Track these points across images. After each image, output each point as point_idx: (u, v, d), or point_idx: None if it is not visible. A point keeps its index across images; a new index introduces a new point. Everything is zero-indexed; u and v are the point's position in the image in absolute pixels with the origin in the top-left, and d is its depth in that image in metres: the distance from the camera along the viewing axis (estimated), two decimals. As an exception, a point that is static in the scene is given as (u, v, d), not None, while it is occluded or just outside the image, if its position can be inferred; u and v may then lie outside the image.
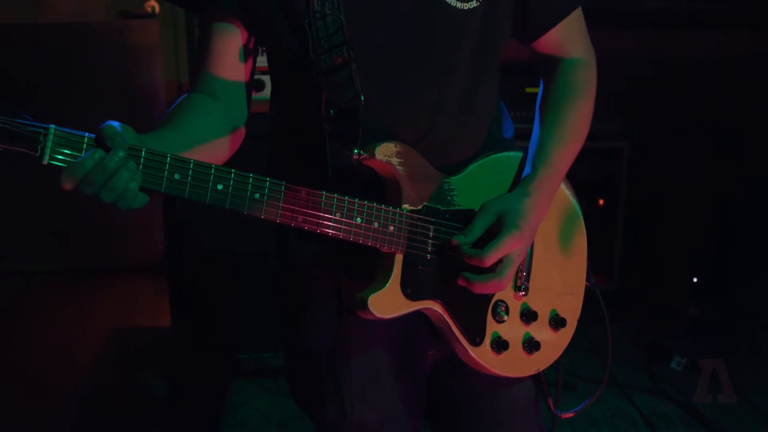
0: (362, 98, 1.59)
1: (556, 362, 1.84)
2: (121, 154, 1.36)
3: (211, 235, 3.75)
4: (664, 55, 4.38)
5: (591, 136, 1.80)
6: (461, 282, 1.65)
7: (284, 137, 1.78)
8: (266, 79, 3.45)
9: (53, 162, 1.34)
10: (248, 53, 1.72)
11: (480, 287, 1.64)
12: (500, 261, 1.64)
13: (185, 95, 1.71)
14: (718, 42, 4.38)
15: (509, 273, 1.65)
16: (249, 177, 1.47)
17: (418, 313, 1.69)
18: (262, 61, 1.76)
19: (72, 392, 3.86)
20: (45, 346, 4.32)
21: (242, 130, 1.75)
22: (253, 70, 1.76)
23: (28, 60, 4.79)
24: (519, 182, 1.76)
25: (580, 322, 1.87)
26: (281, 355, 3.87)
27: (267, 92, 3.47)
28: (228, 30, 1.69)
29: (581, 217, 1.88)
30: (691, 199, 4.64)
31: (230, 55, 1.70)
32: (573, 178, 1.86)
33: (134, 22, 4.83)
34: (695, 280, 4.60)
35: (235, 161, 1.61)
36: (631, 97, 4.32)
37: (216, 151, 1.67)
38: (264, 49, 1.75)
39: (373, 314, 1.60)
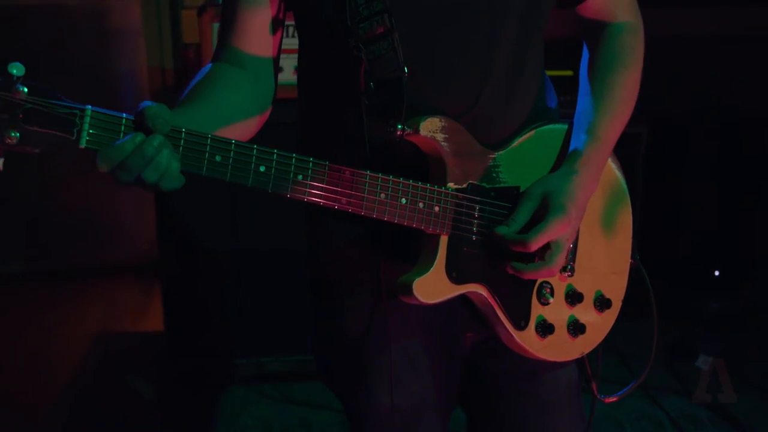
0: (405, 70, 1.58)
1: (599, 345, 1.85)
2: (159, 139, 1.35)
3: (207, 231, 3.72)
4: (690, 34, 4.37)
5: None
6: (510, 271, 1.66)
7: (317, 114, 1.76)
8: (284, 64, 3.43)
9: (91, 146, 1.33)
10: (277, 24, 1.71)
11: (530, 275, 1.65)
12: (548, 247, 1.64)
13: (209, 65, 1.70)
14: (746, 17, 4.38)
15: (559, 259, 1.65)
16: (292, 158, 1.48)
17: (459, 296, 1.68)
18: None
19: (53, 401, 3.81)
20: (21, 356, 4.26)
21: (269, 107, 1.74)
22: (281, 44, 1.75)
23: (-2, 43, 4.74)
24: (565, 157, 1.75)
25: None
26: (282, 359, 3.85)
27: (284, 77, 3.44)
28: None
29: (627, 193, 1.88)
30: (713, 189, 4.63)
31: (259, 24, 1.69)
32: None
33: (114, 3, 4.79)
34: (717, 273, 4.59)
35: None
36: (650, 78, 4.29)
37: (246, 127, 1.66)
38: (293, 20, 1.75)
39: (418, 299, 1.59)
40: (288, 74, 3.51)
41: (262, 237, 3.73)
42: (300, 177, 1.48)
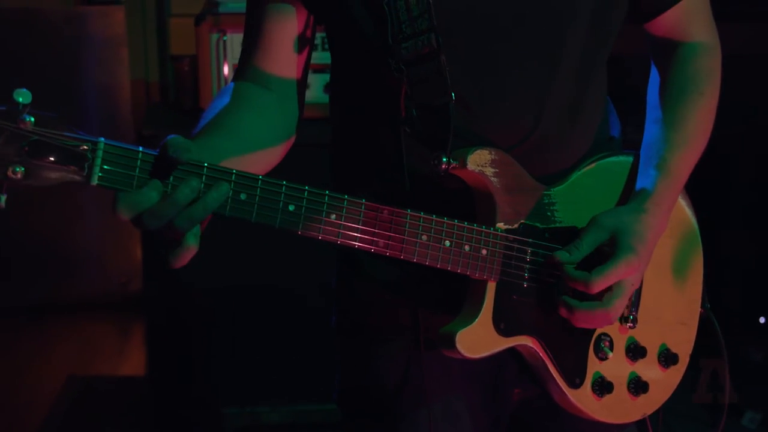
0: (453, 96, 1.58)
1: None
2: (194, 183, 1.36)
3: (198, 264, 3.63)
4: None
5: None
6: (562, 308, 1.64)
7: (351, 142, 1.76)
8: (311, 80, 3.45)
9: (103, 183, 1.32)
10: (305, 41, 1.72)
11: (583, 317, 1.63)
12: (609, 289, 1.62)
13: (231, 85, 1.70)
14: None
15: (619, 304, 1.63)
16: (324, 195, 1.48)
17: (510, 348, 1.67)
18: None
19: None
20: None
21: (294, 132, 1.75)
22: (309, 61, 1.76)
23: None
24: (633, 194, 1.74)
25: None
26: (280, 410, 3.82)
27: (312, 95, 3.45)
28: (285, 11, 1.69)
29: (699, 235, 1.87)
30: (753, 211, 4.60)
31: (286, 40, 1.70)
32: None
33: (96, 9, 4.79)
34: (763, 320, 4.57)
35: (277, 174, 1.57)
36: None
37: (271, 156, 1.67)
38: (324, 36, 1.76)
39: (461, 353, 1.58)
40: (316, 91, 3.53)
41: (259, 272, 3.72)
42: (333, 217, 1.48)
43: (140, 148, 1.34)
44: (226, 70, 3.64)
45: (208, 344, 3.78)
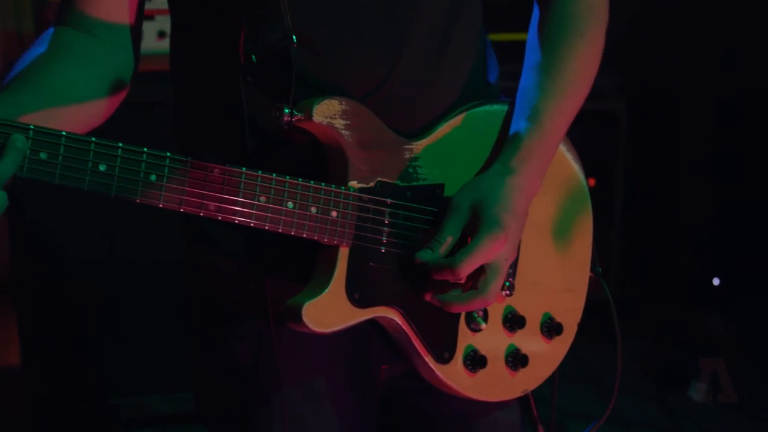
0: (294, 38, 1.57)
1: (549, 379, 1.87)
2: None
3: (75, 242, 3.68)
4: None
5: None
6: (436, 302, 1.67)
7: (193, 96, 1.76)
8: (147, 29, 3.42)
9: None
10: None
11: (460, 308, 1.67)
12: (483, 270, 1.65)
13: (49, 30, 1.67)
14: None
15: (496, 285, 1.65)
16: (143, 153, 1.48)
17: (371, 321, 1.69)
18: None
19: None
20: None
21: (127, 85, 1.73)
22: (142, 7, 1.74)
23: None
24: (501, 151, 1.76)
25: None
26: (173, 397, 3.82)
27: (148, 45, 3.44)
28: None
29: (587, 190, 1.90)
30: (708, 177, 4.69)
31: None
32: None
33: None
34: (716, 282, 4.65)
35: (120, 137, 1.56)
36: (631, 45, 4.34)
37: (96, 111, 1.65)
38: None
39: (308, 327, 1.59)
40: (152, 41, 3.52)
41: (144, 248, 3.71)
42: (153, 177, 1.48)
43: None
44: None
45: (91, 331, 3.77)
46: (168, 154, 1.49)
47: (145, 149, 1.47)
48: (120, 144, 1.45)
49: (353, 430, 1.83)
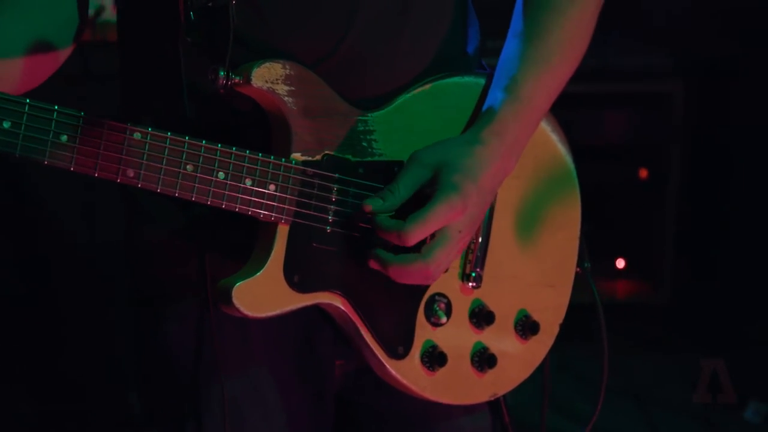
0: None
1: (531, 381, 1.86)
2: None
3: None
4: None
5: (627, 75, 1.79)
6: (373, 263, 1.66)
7: (135, 58, 1.79)
8: None
9: None
10: None
11: (397, 272, 1.65)
12: (431, 237, 1.65)
13: None
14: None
15: (441, 255, 1.64)
16: (53, 111, 1.49)
17: (319, 309, 1.70)
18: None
19: None
20: None
21: (68, 45, 1.75)
22: None
23: None
24: (474, 121, 1.76)
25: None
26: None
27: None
28: None
29: (574, 175, 1.89)
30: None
31: None
32: (598, 137, 1.83)
33: None
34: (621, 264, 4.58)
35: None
36: (687, 19, 4.31)
37: (23, 69, 1.66)
38: None
39: (239, 310, 1.61)
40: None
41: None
42: (64, 138, 1.49)
43: None
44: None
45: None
46: (82, 113, 1.51)
47: (56, 107, 1.49)
48: (27, 100, 1.47)
49: (303, 429, 1.84)
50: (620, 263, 4.46)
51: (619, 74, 4.12)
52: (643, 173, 4.39)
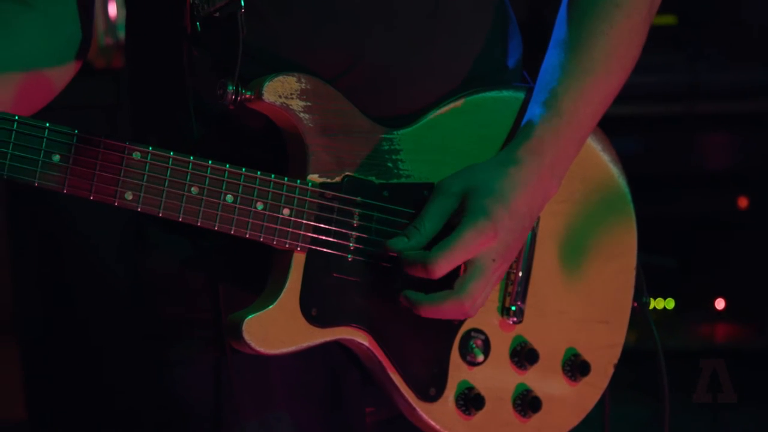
0: (242, 2, 1.62)
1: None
2: None
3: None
4: None
5: (717, 94, 1.76)
6: (402, 303, 1.66)
7: (143, 74, 1.82)
8: None
9: None
10: None
11: (431, 312, 1.65)
12: (465, 270, 1.65)
13: None
14: None
15: (476, 289, 1.64)
16: (44, 128, 1.52)
17: (343, 347, 1.71)
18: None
19: None
20: None
21: (72, 64, 1.78)
22: None
23: None
24: (511, 140, 1.77)
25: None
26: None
27: None
28: None
29: (628, 199, 1.89)
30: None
31: None
32: (691, 162, 1.81)
33: None
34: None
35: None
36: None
37: (24, 91, 1.69)
38: None
39: (250, 346, 1.61)
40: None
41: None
42: (56, 158, 1.52)
43: None
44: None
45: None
46: (75, 131, 1.53)
47: (48, 124, 1.51)
48: (16, 117, 1.50)
49: None
50: (720, 304, 4.43)
51: (713, 92, 4.13)
52: (744, 202, 4.36)
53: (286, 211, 1.64)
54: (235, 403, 1.76)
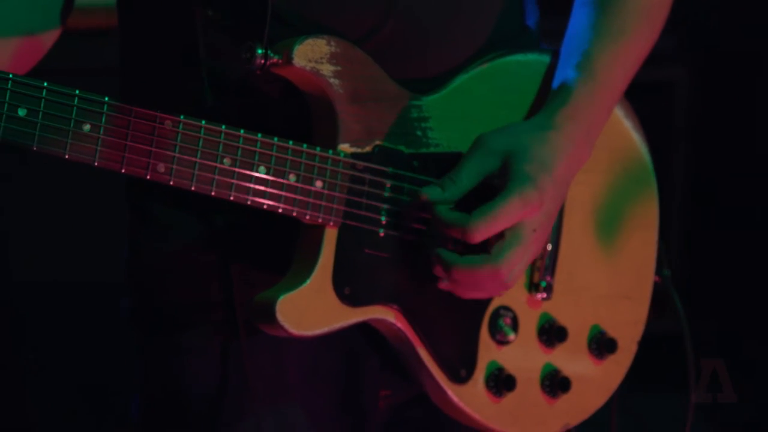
0: None
1: (606, 408, 1.87)
2: None
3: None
4: None
5: None
6: (435, 265, 1.65)
7: (141, 36, 1.78)
8: None
9: None
10: None
11: (465, 277, 1.64)
12: (501, 236, 1.63)
13: None
14: None
15: (515, 257, 1.64)
16: (74, 96, 1.49)
17: (365, 329, 1.70)
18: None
19: None
20: None
21: (57, 25, 1.75)
22: None
23: None
24: (544, 105, 1.76)
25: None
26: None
27: None
28: None
29: (651, 168, 1.91)
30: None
31: None
32: None
33: None
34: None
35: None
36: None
37: (19, 51, 1.68)
38: None
39: (285, 328, 1.59)
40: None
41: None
42: (87, 128, 1.49)
43: None
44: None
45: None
46: (106, 99, 1.50)
47: (77, 91, 1.49)
48: (45, 83, 1.47)
49: None
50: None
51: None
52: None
53: (318, 184, 1.63)
54: (248, 389, 1.74)
